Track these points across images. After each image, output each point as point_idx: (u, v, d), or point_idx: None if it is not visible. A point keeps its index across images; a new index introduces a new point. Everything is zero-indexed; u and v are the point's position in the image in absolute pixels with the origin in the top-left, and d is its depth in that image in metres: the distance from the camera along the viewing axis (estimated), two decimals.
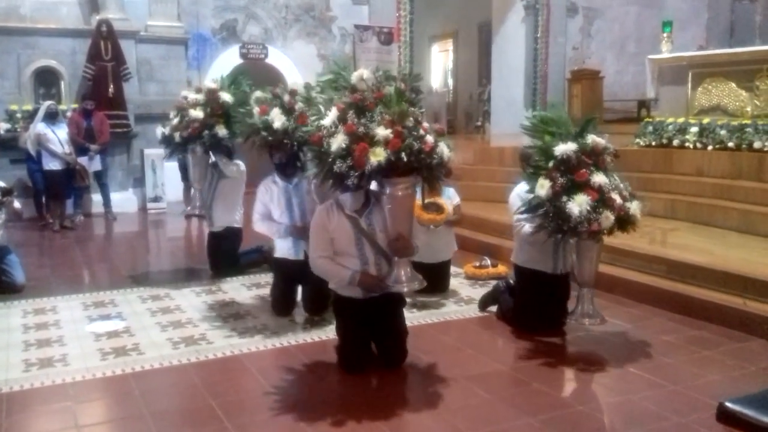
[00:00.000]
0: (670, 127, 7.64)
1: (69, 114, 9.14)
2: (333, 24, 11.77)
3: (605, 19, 12.67)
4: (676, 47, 8.63)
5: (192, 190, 6.14)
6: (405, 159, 3.45)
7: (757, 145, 6.77)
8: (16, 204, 5.79)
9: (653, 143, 7.83)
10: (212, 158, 5.86)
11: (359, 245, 3.81)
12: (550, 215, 4.01)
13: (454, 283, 5.78)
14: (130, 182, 10.02)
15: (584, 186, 3.95)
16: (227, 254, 6.13)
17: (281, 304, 4.94)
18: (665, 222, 6.65)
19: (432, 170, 3.62)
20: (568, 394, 3.76)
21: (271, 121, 4.56)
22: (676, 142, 7.56)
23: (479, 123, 14.84)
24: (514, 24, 12.64)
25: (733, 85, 7.31)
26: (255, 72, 6.28)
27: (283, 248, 4.91)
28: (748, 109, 7.13)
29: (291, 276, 4.89)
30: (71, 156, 8.46)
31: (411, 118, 3.57)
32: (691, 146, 7.40)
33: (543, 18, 12.47)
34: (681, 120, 7.59)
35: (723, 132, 7.09)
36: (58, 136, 8.38)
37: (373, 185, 3.83)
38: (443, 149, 3.62)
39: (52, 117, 8.43)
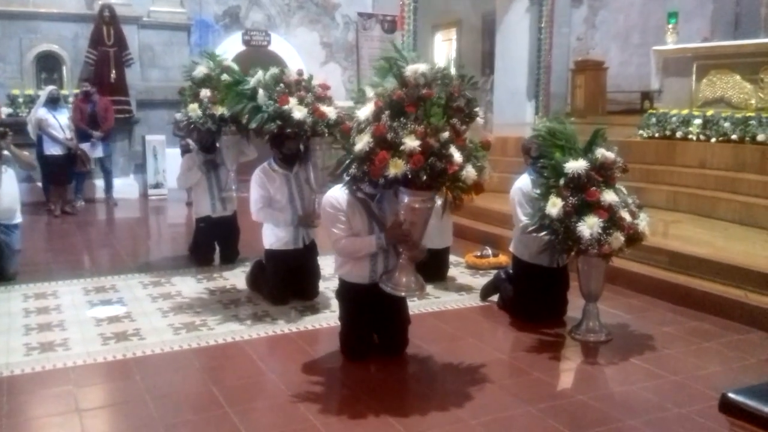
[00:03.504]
0: (674, 118, 7.61)
1: (71, 99, 9.13)
2: (336, 11, 11.72)
3: (610, 9, 12.60)
4: (680, 39, 8.58)
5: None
6: (424, 178, 3.28)
7: (760, 137, 6.75)
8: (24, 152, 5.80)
9: (656, 135, 7.80)
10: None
11: (371, 229, 3.76)
12: (560, 236, 3.99)
13: (455, 272, 5.79)
14: (131, 168, 10.00)
15: (595, 206, 3.92)
16: (236, 239, 6.13)
17: (279, 295, 4.90)
18: (667, 214, 6.64)
19: (457, 188, 3.45)
20: (568, 383, 3.77)
21: (289, 111, 4.49)
22: (679, 134, 7.53)
23: (482, 113, 14.81)
24: (518, 14, 12.58)
25: (738, 77, 7.27)
26: (257, 59, 6.26)
27: (282, 239, 4.87)
28: (753, 101, 7.10)
29: (288, 266, 4.88)
30: (72, 141, 8.46)
31: (447, 133, 3.33)
32: (695, 138, 7.37)
33: (547, 8, 12.40)
34: (685, 112, 7.57)
35: (727, 124, 7.07)
36: (60, 122, 8.38)
37: None
38: (469, 173, 3.37)
39: (53, 102, 8.42)
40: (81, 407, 3.33)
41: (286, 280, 4.91)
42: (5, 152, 5.44)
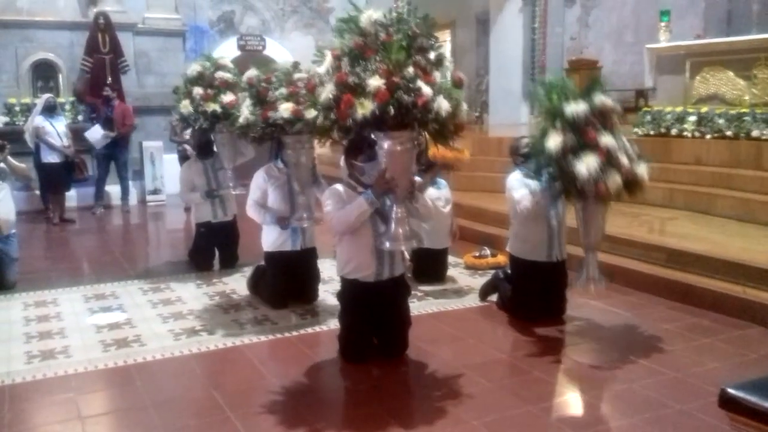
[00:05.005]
0: (669, 116, 7.64)
1: (68, 107, 9.19)
2: (330, 15, 11.74)
3: (603, 8, 12.61)
4: (673, 36, 8.60)
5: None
6: (393, 113, 3.18)
7: (755, 133, 6.78)
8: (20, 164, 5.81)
9: (651, 132, 7.82)
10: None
11: (374, 222, 3.74)
12: (556, 175, 3.94)
13: (454, 272, 5.80)
14: (129, 175, 10.00)
15: (593, 147, 3.86)
16: (235, 243, 6.14)
17: (278, 298, 4.91)
18: (664, 211, 6.66)
19: (437, 125, 3.32)
20: (569, 382, 3.78)
21: (235, 113, 4.55)
22: (674, 131, 7.56)
23: (477, 114, 14.82)
24: (511, 14, 12.59)
25: (731, 73, 7.31)
26: (252, 64, 6.27)
27: (279, 240, 4.87)
28: (746, 97, 7.13)
29: (288, 268, 4.89)
30: (70, 149, 8.46)
31: (411, 69, 3.24)
32: (690, 135, 7.40)
33: (540, 8, 12.41)
34: (679, 109, 7.59)
35: (721, 121, 7.10)
36: (57, 129, 8.38)
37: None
38: (441, 104, 3.25)
39: (50, 110, 8.43)
40: (83, 414, 3.33)
41: (285, 283, 4.92)
42: (2, 165, 5.46)
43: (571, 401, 3.47)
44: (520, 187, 4.41)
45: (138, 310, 4.91)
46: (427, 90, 3.22)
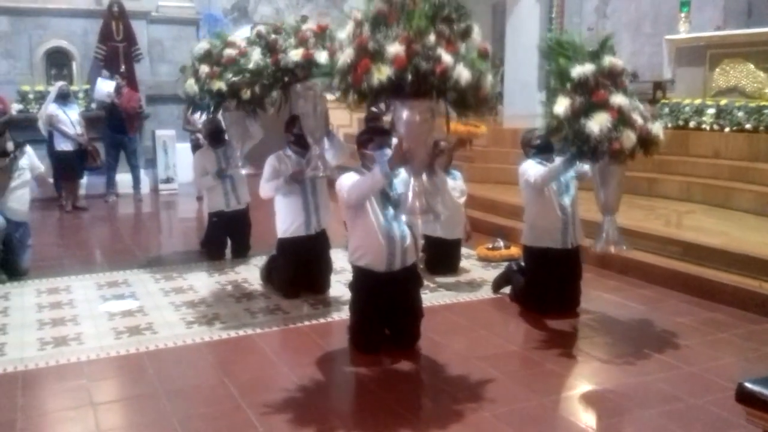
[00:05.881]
0: (687, 108, 7.54)
1: (81, 95, 9.22)
2: (345, 4, 11.67)
3: None
4: (693, 28, 8.48)
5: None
6: (409, 79, 3.07)
7: None
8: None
9: (669, 125, 7.71)
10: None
11: (383, 204, 3.76)
12: (569, 139, 3.84)
13: (467, 264, 5.77)
14: (141, 163, 10.03)
15: (604, 106, 3.76)
16: (248, 232, 6.13)
17: (290, 288, 4.90)
18: (681, 204, 6.59)
19: (459, 94, 3.17)
20: (582, 375, 3.74)
21: (246, 63, 4.39)
22: (692, 124, 7.46)
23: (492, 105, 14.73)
24: (528, 4, 12.45)
25: (752, 66, 7.20)
26: None
27: (294, 225, 4.84)
28: (767, 90, 7.02)
29: (300, 256, 4.87)
30: (83, 137, 8.48)
31: (433, 37, 3.12)
32: (708, 128, 7.30)
33: None
34: (698, 101, 7.50)
35: (740, 113, 7.00)
36: (70, 117, 8.41)
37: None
38: (461, 73, 3.10)
39: (64, 98, 8.45)
40: (95, 401, 3.34)
41: (298, 272, 4.91)
42: (24, 161, 5.50)
43: (584, 394, 3.43)
44: (534, 167, 4.41)
45: (150, 298, 4.92)
46: (447, 58, 3.10)
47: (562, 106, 3.79)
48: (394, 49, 3.07)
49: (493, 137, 9.56)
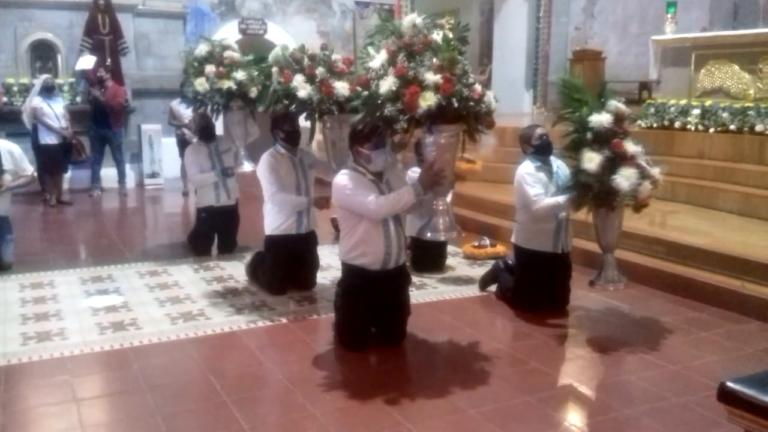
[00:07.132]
0: (672, 108, 7.59)
1: (66, 88, 9.13)
2: (333, 0, 11.65)
3: None
4: (679, 28, 8.53)
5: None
6: (455, 105, 3.38)
7: (759, 128, 6.72)
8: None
9: (655, 125, 7.78)
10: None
11: None
12: (596, 192, 3.94)
13: (453, 262, 5.78)
14: (127, 158, 9.94)
15: (621, 157, 3.90)
16: (235, 229, 6.11)
17: (277, 284, 4.88)
18: (665, 204, 6.62)
19: (477, 120, 3.56)
20: (567, 373, 3.76)
21: (294, 90, 4.37)
22: (677, 124, 7.51)
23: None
24: (516, 3, 12.50)
25: (737, 67, 7.25)
26: (253, 48, 6.21)
27: (286, 224, 4.81)
28: (751, 91, 7.08)
29: (288, 253, 4.85)
30: (68, 130, 8.40)
31: (460, 65, 3.47)
32: (693, 128, 7.35)
33: None
34: (683, 102, 7.54)
35: (725, 114, 7.05)
36: (55, 110, 8.32)
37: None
38: (490, 98, 3.56)
39: (48, 91, 8.35)
40: (78, 396, 3.31)
41: (285, 269, 4.89)
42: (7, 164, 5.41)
43: (569, 392, 3.45)
44: (534, 184, 4.36)
45: (135, 294, 4.88)
46: (477, 85, 3.49)
47: (593, 162, 3.89)
48: (432, 77, 3.36)
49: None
